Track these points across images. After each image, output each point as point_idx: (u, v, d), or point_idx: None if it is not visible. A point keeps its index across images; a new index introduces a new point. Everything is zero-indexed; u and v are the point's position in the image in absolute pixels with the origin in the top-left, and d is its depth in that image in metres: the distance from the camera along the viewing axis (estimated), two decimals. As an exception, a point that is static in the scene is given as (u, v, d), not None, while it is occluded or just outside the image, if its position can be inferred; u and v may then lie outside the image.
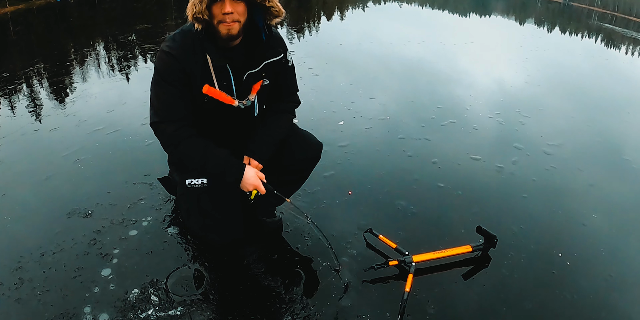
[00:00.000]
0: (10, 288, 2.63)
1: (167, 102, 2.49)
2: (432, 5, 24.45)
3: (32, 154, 4.37)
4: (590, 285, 2.87)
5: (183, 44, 2.43)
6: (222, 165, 2.52)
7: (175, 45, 2.43)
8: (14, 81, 7.06)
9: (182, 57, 2.41)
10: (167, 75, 2.45)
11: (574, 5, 30.91)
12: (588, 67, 10.24)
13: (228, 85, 2.53)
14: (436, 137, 4.84)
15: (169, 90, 2.46)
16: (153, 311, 2.49)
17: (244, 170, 2.53)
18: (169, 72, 2.44)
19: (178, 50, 2.42)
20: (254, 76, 2.56)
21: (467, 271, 2.87)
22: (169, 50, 2.42)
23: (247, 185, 2.54)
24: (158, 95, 2.52)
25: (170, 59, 2.42)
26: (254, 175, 2.54)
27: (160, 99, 2.51)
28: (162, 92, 2.49)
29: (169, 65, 2.43)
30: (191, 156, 2.52)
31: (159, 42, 9.68)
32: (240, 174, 2.52)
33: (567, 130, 5.49)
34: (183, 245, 3.01)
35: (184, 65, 2.42)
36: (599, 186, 4.11)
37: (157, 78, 2.49)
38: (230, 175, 2.52)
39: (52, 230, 3.13)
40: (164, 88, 2.47)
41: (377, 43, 10.40)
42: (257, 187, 2.55)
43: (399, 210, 3.45)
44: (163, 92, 2.49)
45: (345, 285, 2.69)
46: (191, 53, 2.43)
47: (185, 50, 2.42)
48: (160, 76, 2.47)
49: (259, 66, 2.55)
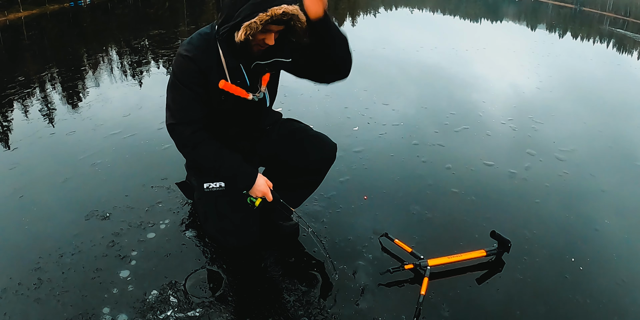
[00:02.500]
0: (29, 288, 2.66)
1: (184, 104, 2.54)
2: (443, 11, 24.42)
3: (49, 157, 4.41)
4: (603, 289, 2.88)
5: (199, 45, 2.47)
6: (235, 171, 2.59)
7: (192, 48, 2.46)
8: (29, 85, 7.14)
9: (199, 59, 2.46)
10: (184, 77, 2.49)
11: (585, 11, 30.81)
12: (600, 73, 10.23)
13: (242, 82, 2.57)
14: (450, 143, 4.86)
15: (185, 92, 2.51)
16: (172, 312, 2.51)
17: (255, 177, 2.60)
18: (185, 74, 2.49)
19: (195, 53, 2.46)
20: (262, 67, 2.60)
21: (481, 275, 2.90)
22: (186, 53, 2.45)
23: (257, 191, 2.61)
24: (174, 98, 2.56)
25: (187, 61, 2.46)
26: (263, 183, 2.62)
27: (176, 101, 2.56)
28: (178, 94, 2.54)
29: (186, 68, 2.48)
30: (206, 159, 2.58)
31: (173, 48, 9.76)
32: (252, 181, 2.59)
33: (579, 136, 5.52)
34: (201, 247, 3.04)
35: (200, 66, 2.46)
36: (612, 192, 4.13)
37: (174, 81, 2.54)
38: (242, 181, 2.59)
39: (70, 232, 3.15)
40: (181, 90, 2.52)
41: (390, 49, 10.43)
42: (265, 194, 2.62)
43: (414, 215, 3.48)
44: (179, 95, 2.53)
45: (362, 288, 2.72)
46: (207, 53, 2.47)
47: (202, 51, 2.46)
48: (177, 79, 2.51)
49: (268, 60, 2.58)
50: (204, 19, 16.87)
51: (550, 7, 32.09)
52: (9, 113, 5.83)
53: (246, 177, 2.59)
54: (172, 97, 2.57)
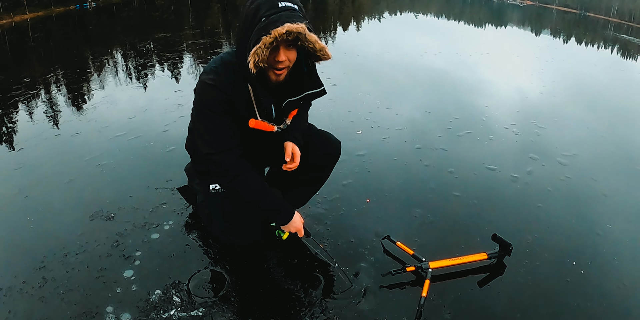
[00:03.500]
0: (33, 286, 2.69)
1: (218, 132, 2.50)
2: (447, 16, 24.45)
3: (55, 158, 4.44)
4: (604, 293, 2.89)
5: (227, 76, 2.41)
6: (277, 207, 2.67)
7: (219, 78, 2.41)
8: (35, 86, 7.21)
9: (228, 89, 2.41)
10: (214, 106, 2.44)
11: (589, 16, 30.84)
12: (604, 78, 10.24)
13: (269, 113, 2.56)
14: (452, 147, 4.88)
15: (217, 120, 2.47)
16: (175, 312, 2.53)
17: (293, 214, 2.69)
18: (215, 103, 2.44)
19: (222, 83, 2.40)
20: (293, 103, 2.57)
21: (482, 278, 2.91)
22: (212, 83, 2.40)
23: (292, 227, 2.71)
24: (207, 128, 2.51)
25: (214, 90, 2.41)
26: (299, 220, 2.71)
27: (210, 130, 2.50)
28: (211, 123, 2.49)
29: (215, 96, 2.42)
30: (247, 190, 2.60)
31: (178, 51, 9.81)
32: (290, 218, 2.68)
33: (581, 140, 5.53)
34: (204, 248, 3.06)
35: (229, 97, 2.42)
36: (613, 196, 4.13)
37: (202, 110, 2.50)
38: (282, 217, 2.68)
39: (75, 232, 3.18)
40: (213, 119, 2.47)
41: (395, 54, 10.46)
42: (298, 231, 2.73)
43: (416, 218, 3.49)
44: (213, 124, 2.48)
45: (364, 290, 2.73)
46: (236, 86, 2.42)
47: (231, 83, 2.41)
48: (206, 108, 2.47)
49: (300, 95, 2.55)
50: (209, 23, 16.95)
51: (554, 12, 32.11)
52: (15, 114, 5.88)
53: (286, 214, 2.68)
54: (205, 127, 2.52)
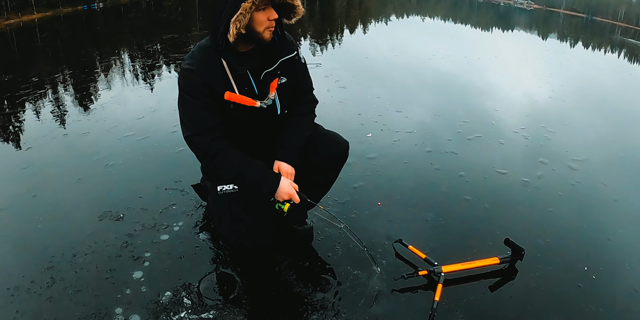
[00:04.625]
0: (42, 286, 2.68)
1: (195, 115, 2.54)
2: (454, 19, 24.46)
3: (63, 157, 4.46)
4: (616, 299, 2.87)
5: (201, 58, 2.49)
6: (259, 177, 2.57)
7: (194, 61, 2.49)
8: (43, 86, 7.25)
9: (203, 71, 2.47)
10: (190, 90, 2.50)
11: (596, 20, 30.82)
12: (612, 83, 10.22)
13: (250, 89, 2.58)
14: (463, 151, 4.87)
15: (194, 103, 2.52)
16: (185, 314, 2.52)
17: (279, 181, 2.58)
18: (191, 87, 2.50)
19: (198, 66, 2.47)
20: (270, 74, 2.60)
21: (494, 283, 2.89)
22: (188, 67, 2.47)
23: (282, 194, 2.58)
24: (185, 111, 2.57)
25: (191, 74, 2.47)
26: (288, 185, 2.59)
27: (187, 113, 2.56)
28: (188, 107, 2.55)
29: (191, 80, 2.49)
30: (228, 168, 2.57)
31: (186, 52, 9.78)
32: (276, 185, 2.57)
33: (591, 145, 5.51)
34: (215, 250, 3.05)
35: (205, 79, 2.47)
36: (624, 201, 4.11)
37: (182, 95, 2.54)
38: (267, 186, 2.57)
39: (83, 232, 3.18)
40: (190, 102, 2.53)
41: (403, 56, 10.47)
42: (291, 196, 2.59)
43: (427, 221, 3.48)
44: (189, 107, 2.54)
45: (376, 294, 2.72)
46: (210, 66, 2.48)
47: (205, 64, 2.48)
48: (184, 92, 2.52)
49: (275, 64, 2.60)
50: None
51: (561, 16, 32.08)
52: (23, 113, 5.90)
53: (271, 182, 2.58)
54: (184, 111, 2.58)
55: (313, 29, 14.46)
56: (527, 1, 51.20)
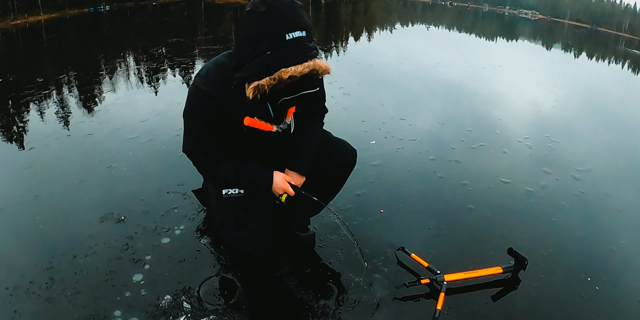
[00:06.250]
0: (40, 287, 2.67)
1: (196, 135, 2.57)
2: (459, 28, 24.52)
3: (65, 158, 4.45)
4: (618, 309, 2.86)
5: (216, 78, 2.45)
6: (253, 175, 2.61)
7: (210, 81, 2.45)
8: (47, 87, 7.26)
9: (217, 92, 2.44)
10: (197, 109, 2.51)
11: (601, 31, 30.87)
12: (616, 93, 10.23)
13: (266, 113, 2.57)
14: (466, 160, 4.85)
15: (198, 124, 2.53)
16: (185, 318, 2.51)
17: (272, 176, 2.62)
18: (199, 107, 2.49)
19: (211, 86, 2.44)
20: (288, 102, 2.58)
21: (497, 292, 2.87)
22: (201, 86, 2.44)
23: (278, 189, 2.63)
24: (189, 127, 2.59)
25: (201, 94, 2.45)
26: (282, 180, 2.63)
27: (189, 131, 2.59)
28: (192, 124, 2.57)
29: (201, 101, 2.47)
30: (224, 177, 2.61)
31: (191, 56, 9.86)
32: (270, 181, 2.61)
33: (595, 155, 5.51)
34: (216, 255, 3.03)
35: (216, 100, 2.44)
36: (628, 211, 4.10)
37: (187, 110, 2.55)
38: (262, 183, 2.61)
39: (84, 234, 3.16)
40: (194, 122, 2.55)
41: (407, 64, 10.50)
42: (286, 190, 2.63)
43: (430, 230, 3.46)
44: (193, 125, 2.56)
45: (378, 302, 2.70)
46: (225, 86, 2.42)
47: (220, 85, 2.43)
48: (190, 109, 2.53)
49: (295, 95, 2.56)
50: (222, 29, 17.00)
51: (566, 26, 32.12)
52: (27, 113, 5.90)
53: (265, 178, 2.61)
54: (187, 126, 2.60)
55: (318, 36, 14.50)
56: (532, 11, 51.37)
